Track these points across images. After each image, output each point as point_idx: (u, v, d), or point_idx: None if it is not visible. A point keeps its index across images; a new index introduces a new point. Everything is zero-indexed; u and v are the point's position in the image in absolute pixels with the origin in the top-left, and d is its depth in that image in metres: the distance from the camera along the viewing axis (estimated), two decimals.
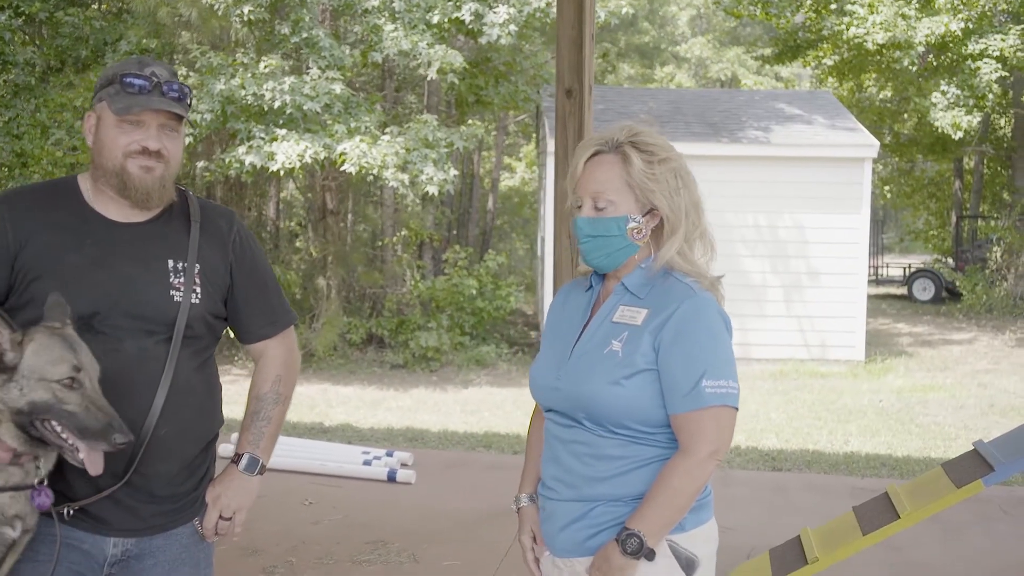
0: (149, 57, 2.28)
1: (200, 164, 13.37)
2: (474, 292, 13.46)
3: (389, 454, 6.81)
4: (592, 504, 2.10)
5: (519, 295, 14.31)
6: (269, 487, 6.03)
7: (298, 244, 15.20)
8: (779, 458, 7.52)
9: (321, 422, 8.91)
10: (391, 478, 6.34)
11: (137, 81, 2.14)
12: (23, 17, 13.02)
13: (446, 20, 12.10)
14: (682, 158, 2.19)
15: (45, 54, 13.01)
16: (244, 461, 2.38)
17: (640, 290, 2.15)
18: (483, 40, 12.45)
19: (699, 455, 2.01)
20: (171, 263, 2.24)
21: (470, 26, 12.22)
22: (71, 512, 2.15)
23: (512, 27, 12.16)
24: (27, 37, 13.87)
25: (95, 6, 14.91)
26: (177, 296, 2.22)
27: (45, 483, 2.07)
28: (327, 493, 6.08)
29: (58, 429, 1.97)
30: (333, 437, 8.01)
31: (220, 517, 2.35)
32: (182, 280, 2.23)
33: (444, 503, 5.92)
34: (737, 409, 2.07)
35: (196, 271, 2.26)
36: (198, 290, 2.25)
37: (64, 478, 2.13)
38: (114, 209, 2.23)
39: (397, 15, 12.02)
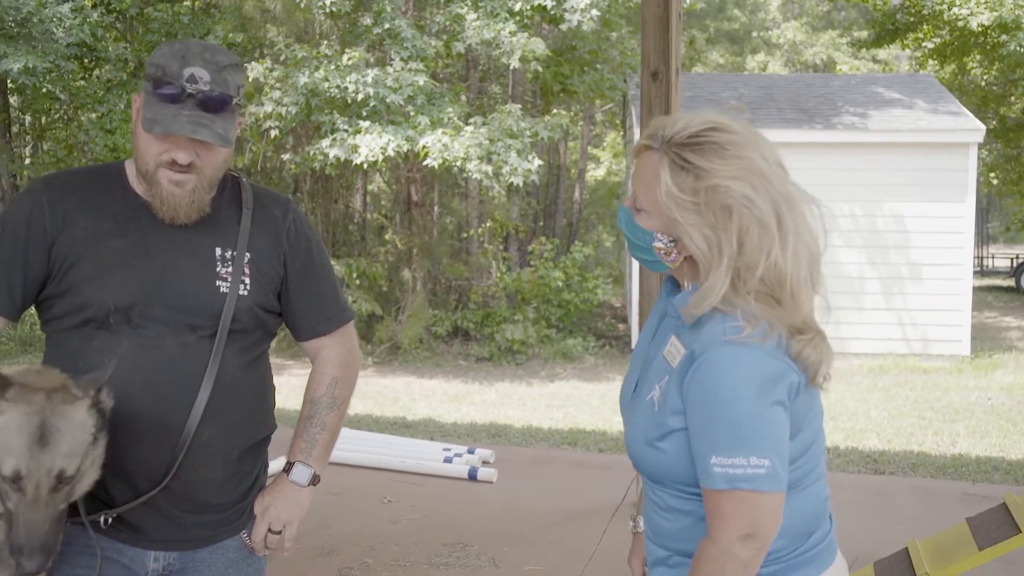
0: (198, 46, 1.99)
1: (286, 157, 13.44)
2: (560, 284, 13.26)
3: (471, 451, 6.65)
4: (669, 553, 1.83)
5: (607, 287, 14.06)
6: (348, 484, 5.96)
7: (387, 237, 15.20)
8: (881, 460, 7.13)
9: (404, 416, 8.81)
10: (472, 476, 6.18)
11: (168, 91, 1.92)
12: (115, 14, 13.25)
13: (528, 7, 11.90)
14: (751, 182, 1.65)
15: (136, 50, 13.20)
16: (295, 471, 2.19)
17: (687, 318, 1.71)
18: (564, 26, 12.22)
19: (722, 541, 1.63)
20: (219, 251, 2.06)
21: (551, 12, 11.99)
22: (109, 521, 2.00)
23: (594, 12, 11.89)
24: (119, 33, 14.13)
25: (185, 2, 15.12)
26: (224, 287, 2.04)
27: None
28: (407, 491, 5.95)
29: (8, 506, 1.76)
30: (415, 432, 7.89)
31: (269, 530, 2.17)
32: (229, 270, 2.05)
33: (526, 503, 5.73)
34: (773, 492, 1.61)
35: (245, 260, 2.08)
36: (247, 281, 2.07)
37: (102, 483, 1.98)
38: None
39: (479, 4, 11.87)
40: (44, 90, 13.08)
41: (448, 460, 6.41)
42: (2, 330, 2.05)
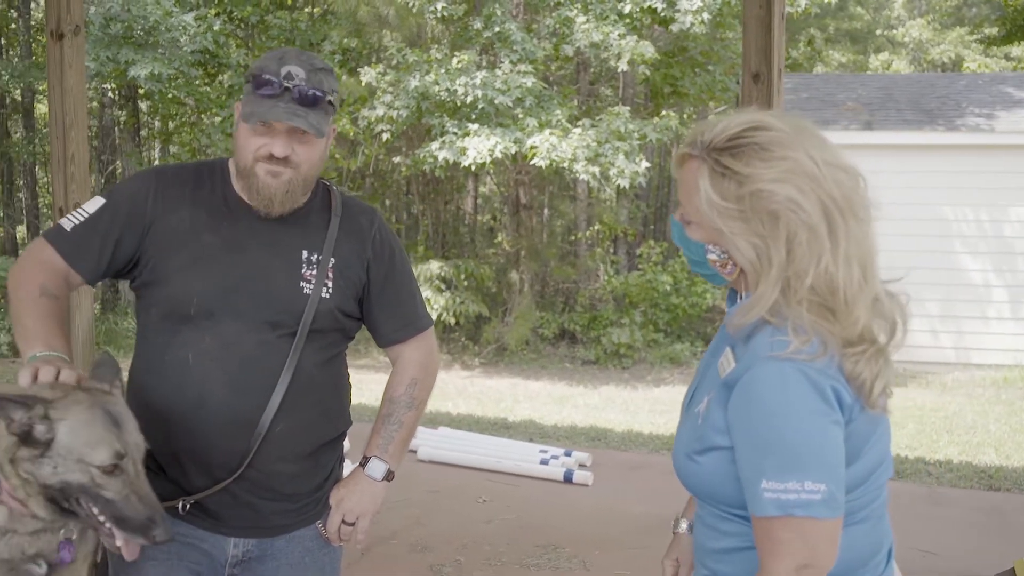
0: (295, 51, 2.12)
1: (397, 159, 13.69)
2: (669, 288, 13.13)
3: (567, 454, 6.64)
4: (711, 573, 1.76)
5: (716, 292, 13.85)
6: (445, 483, 6.04)
7: (497, 239, 15.34)
8: (997, 476, 6.82)
9: (505, 417, 8.87)
10: (568, 479, 6.18)
11: (266, 86, 2.02)
12: (236, 22, 13.73)
13: (638, 9, 11.82)
14: (796, 183, 1.54)
15: (256, 56, 13.66)
16: (371, 465, 2.25)
17: (742, 331, 1.61)
18: (675, 28, 12.09)
19: (774, 572, 1.52)
20: (305, 254, 2.14)
21: (662, 14, 11.89)
22: (187, 507, 2.09)
23: (705, 15, 11.74)
24: (240, 40, 14.64)
25: (306, 9, 15.57)
26: (307, 288, 2.12)
27: (72, 539, 1.91)
28: (502, 491, 5.99)
29: (94, 511, 1.77)
30: (515, 434, 7.93)
31: (343, 522, 2.23)
32: (314, 272, 2.13)
33: (621, 507, 5.70)
34: (831, 519, 1.50)
35: (330, 265, 2.15)
36: (329, 284, 2.14)
37: (182, 469, 2.08)
38: None
39: (589, 6, 11.86)
40: (170, 95, 13.66)
41: (544, 462, 6.42)
42: (77, 287, 2.14)
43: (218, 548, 2.15)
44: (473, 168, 11.77)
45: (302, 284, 2.12)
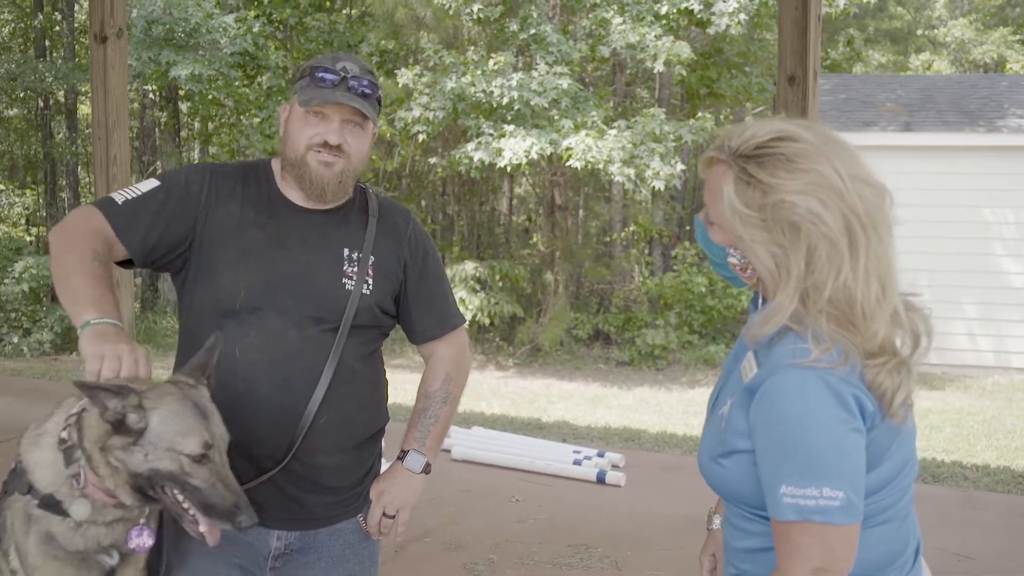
0: (346, 53, 2.27)
1: (433, 160, 13.76)
2: (704, 290, 13.09)
3: (600, 454, 6.66)
4: (738, 572, 1.79)
5: (751, 294, 13.78)
6: (478, 482, 6.08)
7: (532, 240, 15.38)
8: None
9: (538, 418, 8.90)
10: (600, 479, 6.19)
11: (326, 76, 2.14)
12: (275, 24, 13.88)
13: (674, 10, 11.81)
14: (819, 196, 1.55)
15: (295, 58, 13.81)
16: (409, 458, 2.32)
17: (765, 336, 1.62)
18: (712, 30, 12.06)
19: (792, 574, 1.55)
20: (346, 252, 2.22)
21: (699, 16, 11.87)
22: None
23: (742, 16, 11.70)
24: (279, 42, 14.80)
25: (344, 11, 15.69)
26: (349, 285, 2.20)
27: (149, 522, 1.98)
28: (535, 491, 6.02)
29: (179, 498, 1.84)
30: (548, 434, 7.96)
31: (384, 514, 2.30)
32: (355, 269, 2.21)
33: (654, 508, 5.71)
34: (848, 525, 1.52)
35: (370, 263, 2.23)
36: (370, 281, 2.22)
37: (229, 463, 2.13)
38: (297, 195, 2.23)
39: (626, 7, 11.86)
40: (210, 96, 13.84)
41: (577, 463, 6.44)
42: (119, 259, 2.13)
43: (261, 541, 2.21)
44: (508, 169, 11.81)
45: (344, 281, 2.20)
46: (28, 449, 1.93)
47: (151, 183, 2.19)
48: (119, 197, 2.14)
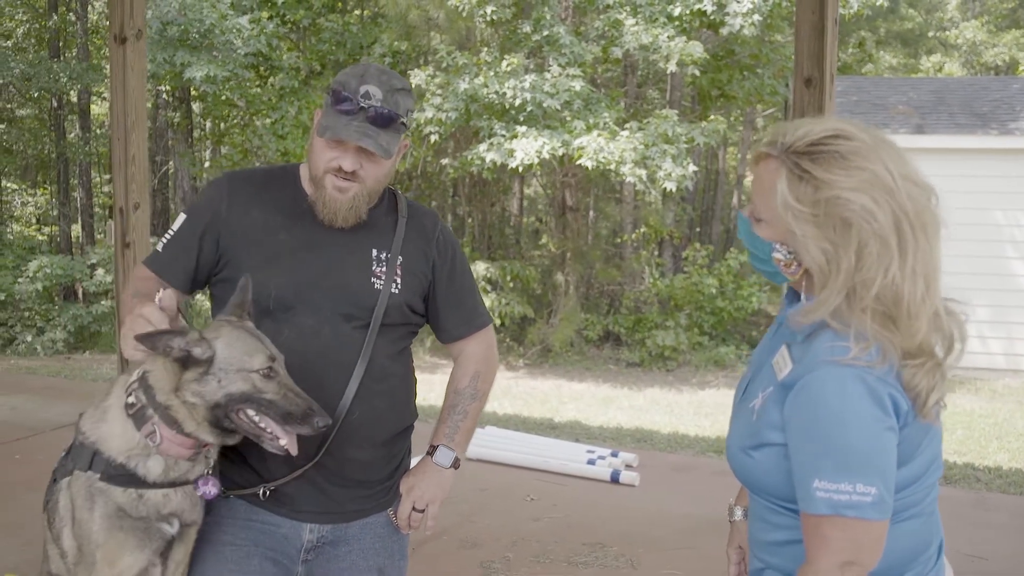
0: (377, 68, 2.22)
1: (445, 161, 13.80)
2: (714, 291, 13.12)
3: (614, 454, 6.69)
4: (763, 566, 1.82)
5: (762, 295, 13.80)
6: (494, 481, 6.11)
7: (543, 241, 15.41)
8: None
9: (551, 418, 8.93)
10: (614, 479, 6.22)
11: (343, 103, 2.14)
12: (289, 25, 13.93)
13: (687, 12, 11.83)
14: (872, 194, 1.59)
15: (308, 59, 13.86)
16: (439, 453, 2.37)
17: (800, 332, 1.67)
18: (725, 31, 12.07)
19: (822, 568, 1.59)
20: (375, 252, 2.27)
21: (712, 17, 11.89)
22: (267, 493, 2.20)
23: (756, 17, 11.71)
24: (292, 43, 14.85)
25: (357, 12, 15.74)
26: (378, 284, 2.25)
27: (213, 472, 2.07)
28: (549, 490, 6.05)
29: (255, 419, 1.95)
30: (561, 434, 7.99)
31: (413, 508, 2.35)
32: (384, 269, 2.26)
33: (667, 508, 5.74)
34: (879, 520, 1.57)
35: (399, 263, 2.28)
36: (398, 281, 2.27)
37: (261, 456, 2.17)
38: None
39: (638, 8, 11.88)
40: (223, 97, 13.90)
41: (591, 462, 6.47)
42: (180, 301, 2.25)
43: (294, 533, 2.26)
44: (520, 169, 11.84)
45: (373, 280, 2.24)
46: (94, 425, 2.02)
47: (180, 218, 2.30)
48: (160, 245, 2.29)
